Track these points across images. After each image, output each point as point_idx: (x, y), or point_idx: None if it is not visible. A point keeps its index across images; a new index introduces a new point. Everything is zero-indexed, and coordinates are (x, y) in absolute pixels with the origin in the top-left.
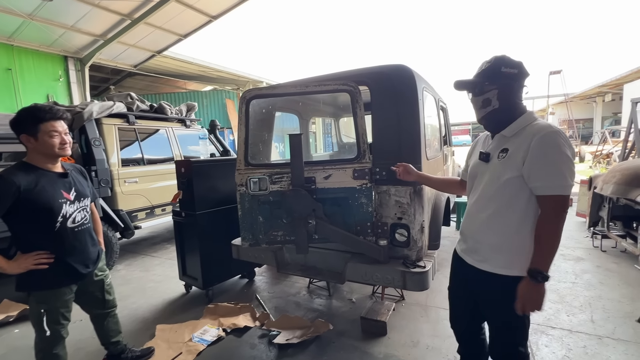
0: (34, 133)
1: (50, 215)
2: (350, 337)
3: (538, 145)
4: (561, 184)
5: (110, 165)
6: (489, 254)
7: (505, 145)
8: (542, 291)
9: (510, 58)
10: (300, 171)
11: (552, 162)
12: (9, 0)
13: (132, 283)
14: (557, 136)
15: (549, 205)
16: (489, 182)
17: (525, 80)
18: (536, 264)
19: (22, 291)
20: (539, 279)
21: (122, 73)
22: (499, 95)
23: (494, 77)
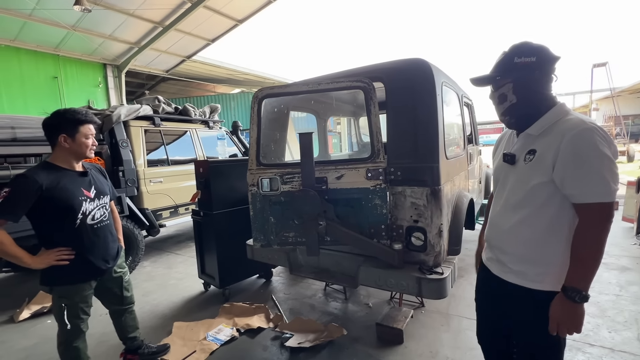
0: (73, 134)
1: (70, 213)
2: (365, 343)
3: (571, 145)
4: (603, 189)
5: (137, 165)
6: (516, 265)
7: (533, 145)
8: (581, 312)
9: (530, 44)
10: (310, 171)
11: (589, 164)
12: (55, 13)
13: (155, 279)
14: (592, 133)
15: (589, 215)
16: (514, 187)
17: (552, 66)
18: (573, 282)
19: (45, 285)
20: (576, 298)
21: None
22: (514, 88)
23: (508, 70)
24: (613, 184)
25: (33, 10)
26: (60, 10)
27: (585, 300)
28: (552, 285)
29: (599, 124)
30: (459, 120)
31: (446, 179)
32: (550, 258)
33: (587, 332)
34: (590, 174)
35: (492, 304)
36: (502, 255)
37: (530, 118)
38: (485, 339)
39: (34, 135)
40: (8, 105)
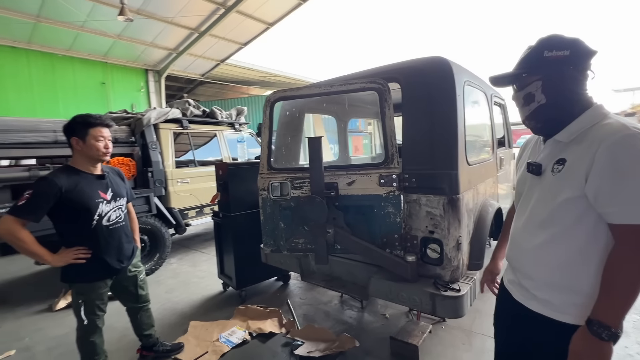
0: (84, 136)
1: (87, 214)
2: (377, 358)
3: (609, 154)
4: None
5: (165, 166)
6: (540, 292)
7: (562, 154)
8: (607, 351)
9: (562, 37)
10: (319, 177)
11: (631, 177)
12: (103, 24)
13: (180, 277)
14: (637, 141)
15: (628, 239)
16: (539, 201)
17: (588, 61)
18: (601, 315)
19: (65, 282)
20: (603, 335)
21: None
22: (544, 87)
23: (536, 65)
24: None
25: (84, 22)
26: (108, 21)
27: (614, 338)
28: (581, 318)
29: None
30: (487, 122)
31: (467, 187)
32: (580, 286)
33: None
34: (633, 189)
35: (512, 331)
36: (524, 279)
37: (561, 122)
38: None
39: None
40: (63, 110)
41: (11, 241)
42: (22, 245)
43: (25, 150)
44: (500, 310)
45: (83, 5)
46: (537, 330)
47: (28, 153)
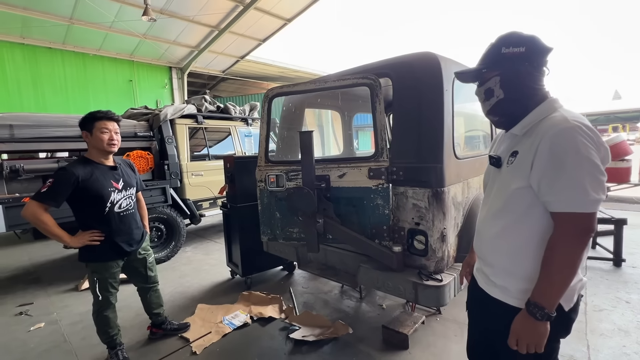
0: (90, 129)
1: (101, 201)
2: (369, 344)
3: (547, 147)
4: (580, 198)
5: (181, 160)
6: (499, 279)
7: (516, 147)
8: (543, 330)
9: (519, 34)
10: (310, 169)
11: (566, 168)
12: (130, 24)
13: (192, 264)
14: (574, 133)
15: (564, 226)
16: (497, 192)
17: (544, 58)
18: (537, 297)
19: (81, 261)
20: (537, 315)
21: (217, 78)
22: (502, 82)
23: (494, 62)
24: (594, 192)
25: (113, 23)
26: (134, 21)
27: (547, 319)
28: None
29: (588, 122)
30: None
31: (454, 181)
32: (529, 273)
33: None
34: (567, 179)
35: (479, 317)
36: (485, 267)
37: (518, 116)
38: (473, 353)
39: None
40: (94, 106)
41: (35, 223)
42: (44, 227)
43: (55, 144)
44: (470, 297)
45: (111, 6)
46: (497, 315)
47: (57, 146)
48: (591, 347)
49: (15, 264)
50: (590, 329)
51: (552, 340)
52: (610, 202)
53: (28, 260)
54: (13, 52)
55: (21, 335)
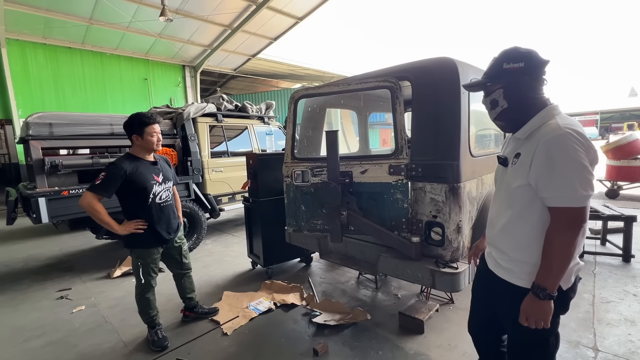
0: (141, 133)
1: (145, 193)
2: (386, 329)
3: (543, 150)
4: (570, 194)
5: (202, 156)
6: (504, 262)
7: (519, 149)
8: (547, 308)
9: (518, 50)
10: (335, 165)
11: (559, 169)
12: (146, 24)
13: (214, 255)
14: (565, 139)
15: (558, 219)
16: (505, 188)
17: (542, 70)
18: (540, 280)
19: (127, 248)
20: (540, 295)
21: (227, 76)
22: (505, 94)
23: (497, 76)
24: (582, 190)
25: (130, 23)
26: (150, 21)
27: (549, 298)
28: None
29: (579, 129)
30: None
31: (470, 177)
32: (532, 258)
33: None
34: (559, 178)
35: (485, 296)
36: (495, 252)
37: (521, 122)
38: (475, 329)
39: None
40: (111, 104)
41: (90, 212)
42: (97, 216)
43: (89, 141)
44: (478, 277)
45: (129, 7)
46: (504, 295)
47: (91, 143)
48: (597, 334)
49: (47, 253)
50: (597, 319)
51: (553, 315)
52: (622, 200)
53: (59, 250)
54: (36, 52)
55: (65, 316)
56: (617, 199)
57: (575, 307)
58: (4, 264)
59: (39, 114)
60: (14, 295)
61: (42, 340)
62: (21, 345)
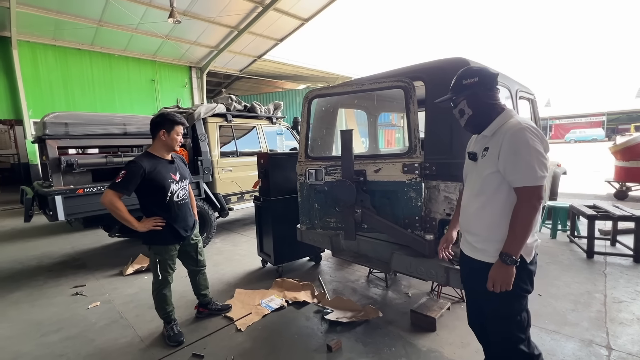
0: (170, 130)
1: (163, 191)
2: (398, 327)
3: (508, 142)
4: (532, 175)
5: (212, 156)
6: (480, 244)
7: (487, 144)
8: (511, 272)
9: (471, 68)
10: (349, 164)
11: (521, 156)
12: (154, 25)
13: (224, 254)
14: (525, 132)
15: (522, 196)
16: (475, 179)
17: (493, 81)
18: (507, 248)
19: (145, 244)
20: (507, 261)
21: (232, 77)
22: (468, 104)
23: (459, 90)
24: (540, 171)
25: (138, 25)
26: (158, 22)
27: (514, 263)
28: None
29: (533, 124)
30: None
31: None
32: (503, 236)
33: None
34: (523, 163)
35: (470, 283)
36: (469, 236)
37: (485, 123)
38: (474, 321)
39: (139, 130)
40: (119, 105)
41: (111, 209)
42: (118, 213)
43: (103, 140)
44: (462, 270)
45: (137, 9)
46: (478, 273)
47: (104, 142)
48: (610, 333)
49: (60, 251)
50: (609, 318)
51: (519, 286)
52: (631, 201)
53: (71, 248)
54: (46, 54)
55: (81, 312)
56: (626, 200)
57: (587, 306)
58: (19, 261)
59: (55, 114)
60: (30, 291)
61: (60, 334)
62: (40, 340)
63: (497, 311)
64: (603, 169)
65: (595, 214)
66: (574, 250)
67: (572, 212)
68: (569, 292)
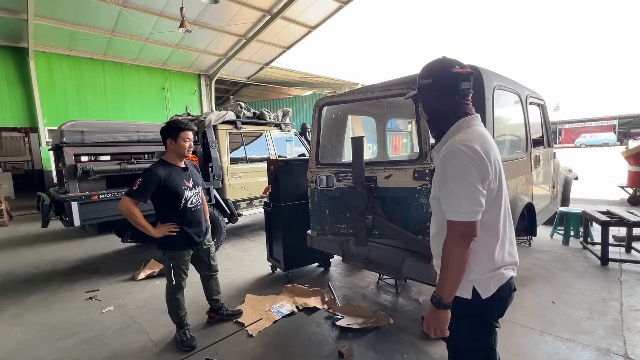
0: (176, 138)
1: (177, 198)
2: (409, 333)
3: (439, 166)
4: (457, 209)
5: (222, 162)
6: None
7: (436, 161)
8: (444, 317)
9: (428, 67)
10: (360, 170)
11: (448, 185)
12: (165, 35)
13: (233, 259)
14: (455, 155)
15: (449, 230)
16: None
17: (450, 84)
18: (437, 290)
19: (160, 249)
20: (437, 304)
21: (240, 84)
22: (423, 107)
23: (418, 90)
24: (468, 205)
25: (149, 35)
26: (169, 32)
27: (445, 307)
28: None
29: (473, 145)
30: (520, 122)
31: None
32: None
33: None
34: (449, 194)
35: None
36: (435, 259)
37: (441, 134)
38: None
39: (151, 137)
40: (130, 113)
41: (128, 216)
42: (135, 219)
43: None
44: None
45: (149, 19)
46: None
47: (119, 150)
48: (628, 342)
49: (73, 256)
50: (626, 327)
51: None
52: None
53: (84, 253)
54: (61, 63)
55: (96, 316)
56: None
57: (602, 314)
58: (34, 266)
59: (72, 122)
60: (46, 295)
61: (75, 338)
62: (57, 343)
63: (452, 344)
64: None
65: (609, 220)
66: (588, 257)
67: (585, 218)
68: (584, 299)
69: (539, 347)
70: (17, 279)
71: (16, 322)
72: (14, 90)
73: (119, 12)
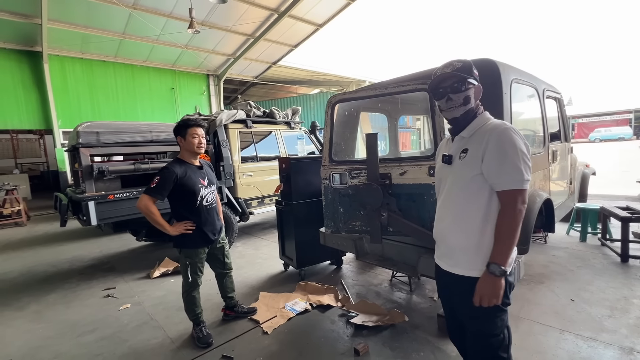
0: (184, 135)
1: (193, 196)
2: (425, 331)
3: (494, 142)
4: (518, 178)
5: (233, 161)
6: (460, 257)
7: (465, 145)
8: (499, 284)
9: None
10: (374, 167)
11: (508, 157)
12: (174, 36)
13: (245, 258)
14: (510, 132)
15: (507, 200)
16: (452, 183)
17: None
18: (494, 258)
19: (176, 247)
20: (496, 272)
21: (248, 84)
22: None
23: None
24: (527, 174)
25: (159, 36)
26: (177, 33)
27: (503, 274)
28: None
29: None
30: (537, 116)
31: None
32: (487, 246)
33: None
34: (509, 165)
35: (448, 298)
36: (446, 248)
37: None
38: (452, 334)
39: (164, 137)
40: (141, 112)
41: (146, 213)
42: (153, 217)
43: (131, 148)
44: (437, 284)
45: (158, 21)
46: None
47: (133, 150)
48: None
49: (89, 255)
50: None
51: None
52: None
53: (100, 252)
54: (74, 66)
55: (113, 314)
56: None
57: (624, 312)
58: (52, 264)
59: (87, 123)
60: (64, 293)
61: (95, 335)
62: (77, 339)
63: (481, 330)
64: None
65: (629, 216)
66: (607, 253)
67: (603, 214)
68: (604, 297)
69: (559, 345)
70: (36, 277)
71: (37, 319)
72: (30, 93)
73: (129, 14)
